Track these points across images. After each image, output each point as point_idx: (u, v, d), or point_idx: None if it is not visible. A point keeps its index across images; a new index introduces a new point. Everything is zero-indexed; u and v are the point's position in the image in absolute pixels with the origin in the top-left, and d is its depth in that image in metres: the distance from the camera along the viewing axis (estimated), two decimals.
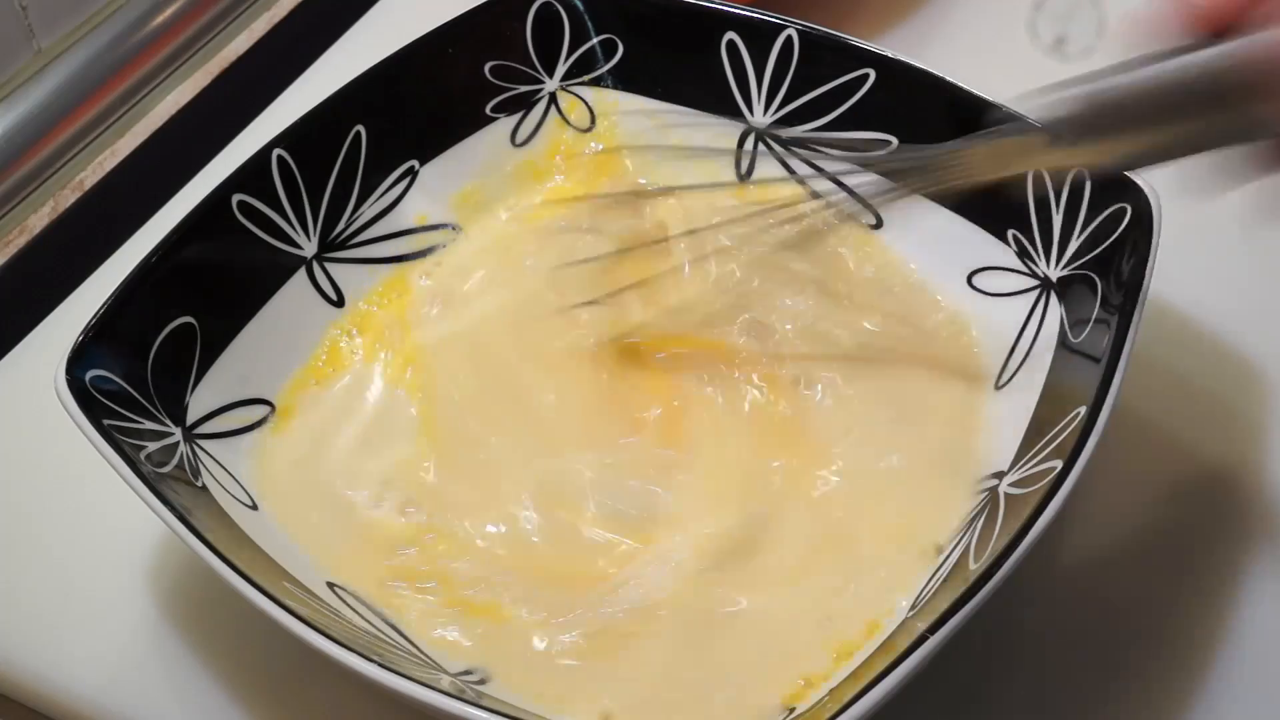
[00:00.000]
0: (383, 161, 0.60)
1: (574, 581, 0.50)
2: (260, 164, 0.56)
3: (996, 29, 0.73)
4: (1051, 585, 0.52)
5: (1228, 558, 0.52)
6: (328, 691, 0.50)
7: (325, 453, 0.54)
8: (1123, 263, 0.51)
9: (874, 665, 0.43)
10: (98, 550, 0.55)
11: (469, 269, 0.60)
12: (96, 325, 0.50)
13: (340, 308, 0.58)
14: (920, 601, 0.47)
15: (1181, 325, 0.59)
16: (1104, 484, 0.54)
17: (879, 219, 0.60)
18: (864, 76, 0.59)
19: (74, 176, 0.70)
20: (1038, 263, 0.55)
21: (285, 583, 0.48)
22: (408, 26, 0.61)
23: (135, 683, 0.52)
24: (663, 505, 0.52)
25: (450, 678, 0.47)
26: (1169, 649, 0.50)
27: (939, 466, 0.53)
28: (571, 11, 0.62)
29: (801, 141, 0.61)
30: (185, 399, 0.53)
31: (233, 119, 0.70)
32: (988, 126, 0.56)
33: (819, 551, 0.51)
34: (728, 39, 0.60)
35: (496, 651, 0.48)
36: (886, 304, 0.58)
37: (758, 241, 0.58)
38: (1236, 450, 0.56)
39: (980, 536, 0.47)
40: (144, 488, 0.46)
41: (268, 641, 0.51)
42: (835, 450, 0.54)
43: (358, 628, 0.47)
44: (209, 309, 0.54)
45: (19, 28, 0.66)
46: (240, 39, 0.77)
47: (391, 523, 0.52)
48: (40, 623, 0.53)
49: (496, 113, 0.63)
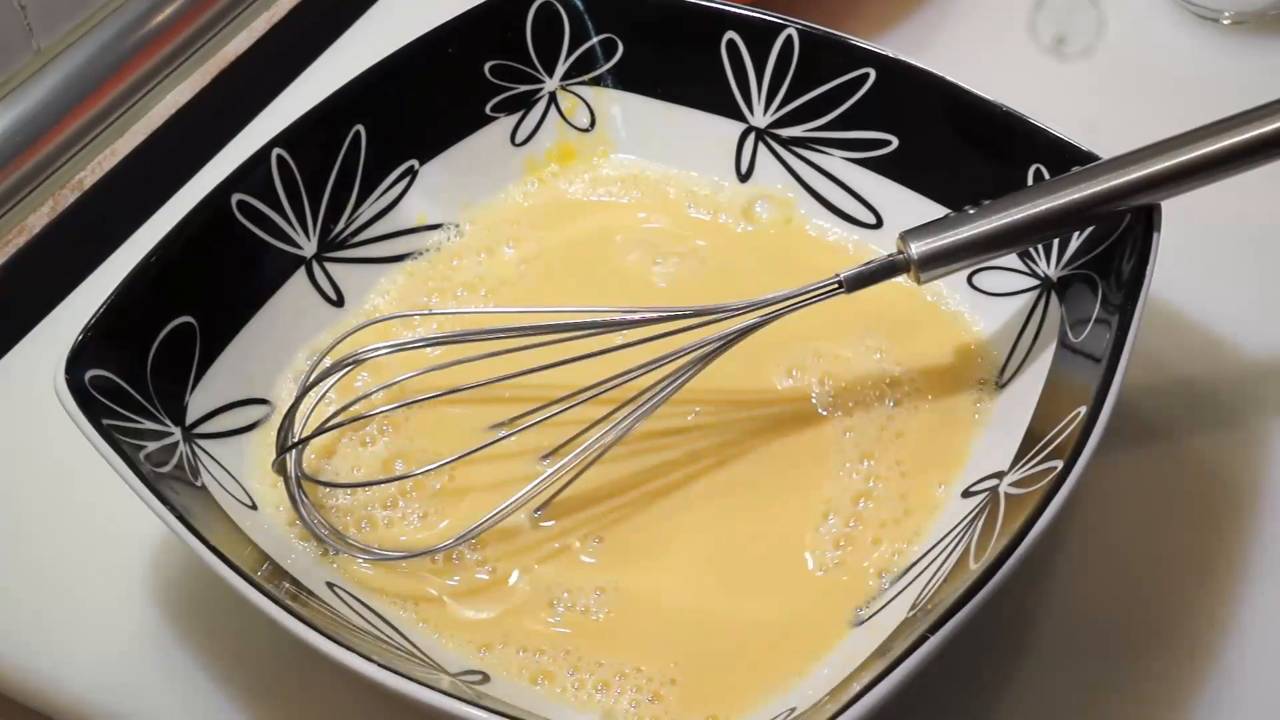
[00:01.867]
0: (383, 161, 0.60)
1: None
2: (260, 163, 0.56)
3: (996, 29, 0.73)
4: (1051, 585, 0.52)
5: (1228, 558, 0.52)
6: (328, 691, 0.50)
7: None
8: (1123, 262, 0.51)
9: (874, 665, 0.43)
10: (98, 550, 0.55)
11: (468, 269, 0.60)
12: (96, 325, 0.50)
13: (340, 307, 0.58)
14: (921, 600, 0.47)
15: (1181, 325, 0.59)
16: (1104, 484, 0.54)
17: (879, 219, 0.60)
18: (864, 76, 0.59)
19: (73, 176, 0.70)
20: (1038, 262, 0.55)
21: (285, 583, 0.48)
22: (408, 26, 0.61)
23: (135, 683, 0.51)
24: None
25: (450, 678, 0.47)
26: (1169, 649, 0.50)
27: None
28: (571, 11, 0.62)
29: (802, 141, 0.61)
30: (185, 399, 0.53)
31: (232, 119, 0.70)
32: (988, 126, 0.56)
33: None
34: (728, 38, 0.60)
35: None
36: (886, 304, 0.58)
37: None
38: (1236, 450, 0.56)
39: (980, 536, 0.47)
40: (144, 488, 0.46)
41: (267, 642, 0.51)
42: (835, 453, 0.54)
43: (358, 628, 0.47)
44: (208, 308, 0.54)
45: (18, 27, 0.66)
46: (240, 39, 0.77)
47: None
48: (40, 623, 0.53)
49: (496, 112, 0.63)
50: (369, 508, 0.53)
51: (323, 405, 0.55)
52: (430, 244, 0.61)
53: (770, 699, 0.48)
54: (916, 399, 0.55)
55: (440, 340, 0.55)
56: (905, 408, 0.55)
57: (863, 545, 0.51)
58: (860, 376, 0.56)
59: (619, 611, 0.50)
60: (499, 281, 0.60)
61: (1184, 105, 0.57)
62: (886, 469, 0.53)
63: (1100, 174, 0.51)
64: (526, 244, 0.61)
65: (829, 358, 0.57)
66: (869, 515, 0.52)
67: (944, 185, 0.58)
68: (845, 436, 0.54)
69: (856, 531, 0.52)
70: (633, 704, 0.48)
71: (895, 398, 0.55)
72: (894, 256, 0.52)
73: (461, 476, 0.54)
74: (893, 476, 0.53)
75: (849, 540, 0.51)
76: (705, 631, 0.50)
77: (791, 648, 0.49)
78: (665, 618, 0.50)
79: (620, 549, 0.52)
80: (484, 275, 0.60)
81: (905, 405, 0.55)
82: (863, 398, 0.56)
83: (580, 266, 0.61)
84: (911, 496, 0.52)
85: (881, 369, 0.56)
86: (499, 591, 0.51)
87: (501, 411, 0.55)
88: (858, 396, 0.56)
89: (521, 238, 0.62)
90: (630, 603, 0.50)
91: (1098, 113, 0.65)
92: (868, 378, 0.56)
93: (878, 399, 0.55)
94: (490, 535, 0.52)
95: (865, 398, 0.55)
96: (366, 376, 0.57)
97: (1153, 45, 0.71)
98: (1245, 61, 0.70)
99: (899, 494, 0.52)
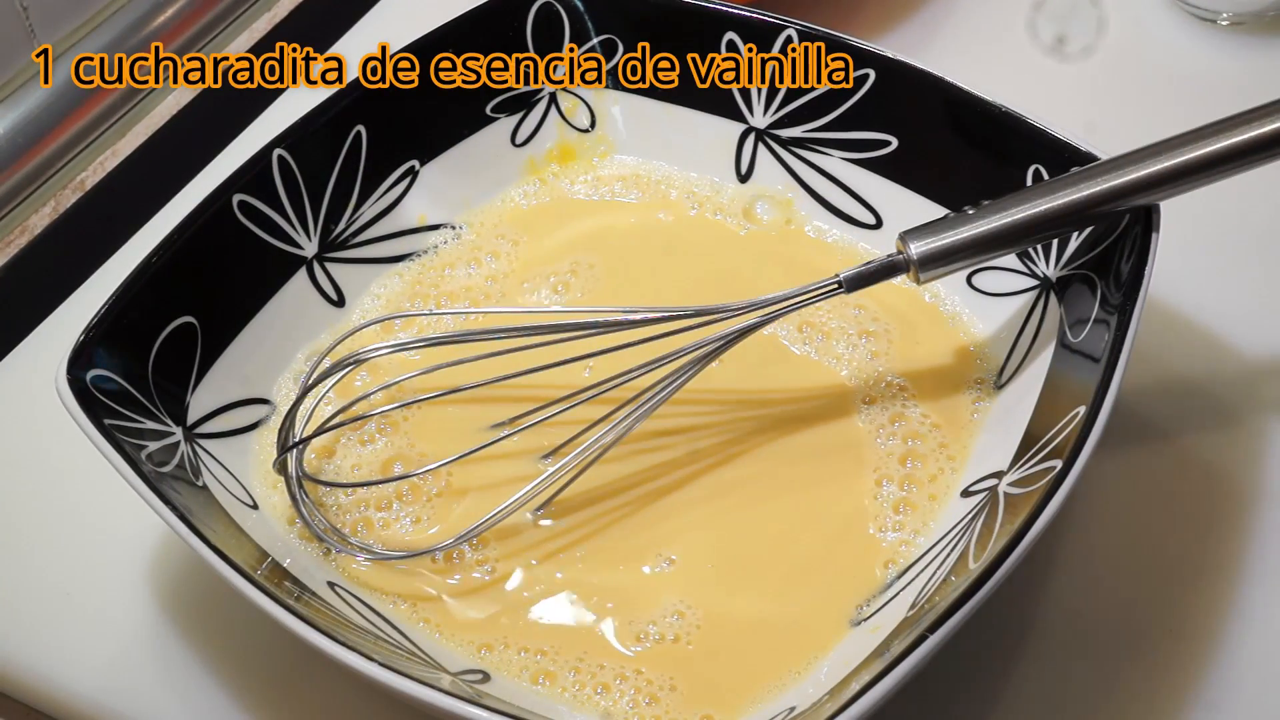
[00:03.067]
0: (383, 161, 0.60)
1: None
2: (261, 164, 0.56)
3: (996, 29, 0.73)
4: (1051, 585, 0.52)
5: (1227, 558, 0.53)
6: (328, 691, 0.51)
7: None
8: (1122, 262, 0.51)
9: (873, 665, 0.43)
10: (98, 550, 0.55)
11: (468, 269, 0.60)
12: (97, 325, 0.50)
13: (340, 307, 0.59)
14: (921, 600, 0.47)
15: (1181, 325, 0.59)
16: (1104, 484, 0.54)
17: (879, 219, 0.60)
18: (864, 77, 0.59)
19: (75, 176, 0.70)
20: (1037, 262, 0.55)
21: (285, 582, 0.48)
22: (407, 26, 0.61)
23: (135, 683, 0.52)
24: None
25: (451, 677, 0.47)
26: (1168, 649, 0.51)
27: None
28: (571, 11, 0.62)
29: (801, 141, 0.61)
30: (186, 398, 0.53)
31: (233, 119, 0.70)
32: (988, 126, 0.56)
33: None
34: (728, 39, 0.60)
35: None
36: (886, 304, 0.58)
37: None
38: (1236, 450, 0.56)
39: (980, 536, 0.47)
40: (145, 487, 0.46)
41: (268, 641, 0.51)
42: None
43: (358, 627, 0.47)
44: (210, 309, 0.54)
45: (19, 28, 0.66)
46: (240, 39, 0.77)
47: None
48: (40, 623, 0.53)
49: (496, 113, 0.63)
50: (369, 507, 0.53)
51: (323, 405, 0.55)
52: (431, 244, 0.61)
53: (770, 698, 0.48)
54: (916, 399, 0.55)
55: (440, 340, 0.55)
56: (905, 408, 0.55)
57: (863, 544, 0.51)
58: (860, 377, 0.56)
59: (619, 611, 0.50)
60: (499, 281, 0.60)
61: (1183, 105, 0.57)
62: (887, 468, 0.53)
63: (1099, 174, 0.51)
64: (527, 244, 0.61)
65: (828, 358, 0.57)
66: (868, 514, 0.52)
67: (944, 185, 0.58)
68: (845, 436, 0.54)
69: (856, 530, 0.52)
70: (632, 704, 0.48)
71: (895, 398, 0.55)
72: (894, 257, 0.52)
73: (462, 476, 0.54)
74: (892, 476, 0.53)
75: (850, 539, 0.51)
76: (705, 631, 0.50)
77: (791, 647, 0.49)
78: (666, 616, 0.50)
79: (620, 549, 0.52)
80: (484, 275, 0.60)
81: (905, 405, 0.55)
82: (862, 398, 0.56)
83: (580, 267, 0.61)
84: (914, 494, 0.52)
85: (880, 369, 0.56)
86: (499, 591, 0.51)
87: (501, 411, 0.55)
88: (857, 396, 0.56)
89: (522, 238, 0.62)
90: (631, 602, 0.50)
91: (1097, 113, 0.65)
92: (867, 378, 0.56)
93: (877, 399, 0.55)
94: (491, 534, 0.52)
95: (865, 398, 0.56)
96: (366, 376, 0.57)
97: (1152, 45, 0.71)
98: (1244, 61, 0.70)
99: (900, 492, 0.53)
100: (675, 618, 0.50)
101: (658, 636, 0.49)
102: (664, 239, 0.61)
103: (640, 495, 0.53)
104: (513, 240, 0.62)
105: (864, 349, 0.57)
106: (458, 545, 0.51)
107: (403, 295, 0.59)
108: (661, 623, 0.50)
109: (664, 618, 0.50)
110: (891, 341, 0.57)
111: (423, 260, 0.61)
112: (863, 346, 0.57)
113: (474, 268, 0.61)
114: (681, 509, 0.53)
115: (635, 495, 0.53)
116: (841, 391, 0.56)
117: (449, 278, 0.60)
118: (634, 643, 0.49)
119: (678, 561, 0.51)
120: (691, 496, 0.53)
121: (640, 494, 0.53)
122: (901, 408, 0.55)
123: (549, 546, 0.52)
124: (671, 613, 0.50)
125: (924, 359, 0.56)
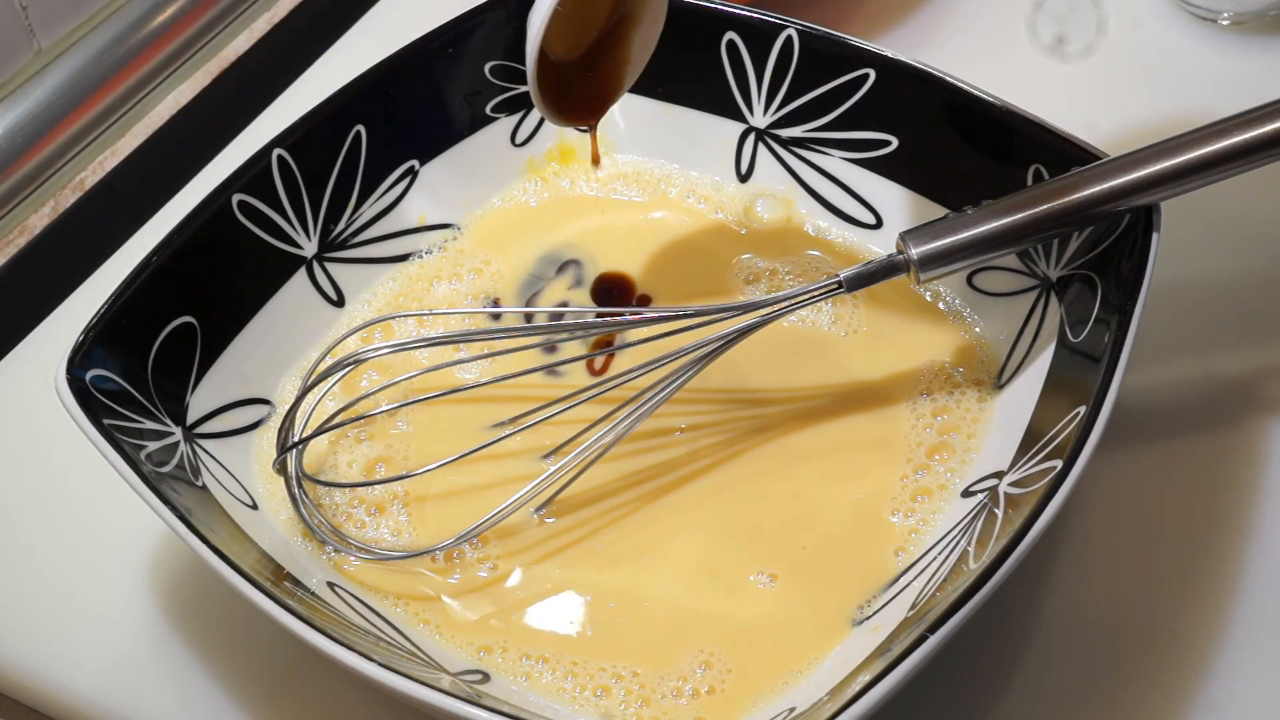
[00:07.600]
0: (383, 161, 0.60)
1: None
2: (260, 164, 0.56)
3: (996, 29, 0.73)
4: (1051, 585, 0.52)
5: (1227, 558, 0.52)
6: (327, 691, 0.51)
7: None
8: (1122, 262, 0.51)
9: (873, 665, 0.43)
10: (98, 550, 0.55)
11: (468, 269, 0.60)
12: (97, 325, 0.50)
13: (340, 307, 0.59)
14: (921, 600, 0.47)
15: (1181, 325, 0.59)
16: (1104, 484, 0.54)
17: (879, 219, 0.60)
18: (864, 76, 0.59)
19: (74, 176, 0.70)
20: (1037, 262, 0.55)
21: (285, 582, 0.48)
22: (407, 27, 0.61)
23: (135, 683, 0.52)
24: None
25: (450, 677, 0.47)
26: (1168, 649, 0.50)
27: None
28: None
29: (802, 141, 0.61)
30: (186, 399, 0.53)
31: (233, 119, 0.70)
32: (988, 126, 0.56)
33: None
34: (728, 39, 0.60)
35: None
36: (886, 304, 0.58)
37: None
38: (1236, 450, 0.56)
39: (980, 536, 0.47)
40: (144, 487, 0.46)
41: (268, 641, 0.51)
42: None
43: (358, 628, 0.47)
44: (209, 309, 0.54)
45: (19, 28, 0.66)
46: (240, 39, 0.77)
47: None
48: (40, 623, 0.53)
49: (496, 113, 0.63)
50: (369, 507, 0.53)
51: (323, 405, 0.55)
52: (431, 244, 0.61)
53: (770, 698, 0.48)
54: (915, 399, 0.55)
55: (441, 340, 0.55)
56: (905, 408, 0.55)
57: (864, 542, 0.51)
58: (860, 377, 0.56)
59: (620, 611, 0.50)
60: (499, 281, 0.60)
61: (1183, 105, 0.57)
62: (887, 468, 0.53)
63: (1100, 174, 0.51)
64: (527, 244, 0.61)
65: (828, 358, 0.57)
66: (869, 514, 0.52)
67: (944, 185, 0.58)
68: (844, 437, 0.54)
69: (856, 529, 0.52)
70: (632, 705, 0.48)
71: (895, 398, 0.55)
72: (894, 257, 0.52)
73: (462, 475, 0.54)
74: (892, 476, 0.53)
75: (849, 539, 0.52)
76: (706, 631, 0.50)
77: (791, 647, 0.49)
78: (665, 616, 0.50)
79: (620, 548, 0.52)
80: (484, 275, 0.60)
81: (905, 405, 0.55)
82: (862, 398, 0.56)
83: (580, 267, 0.61)
84: (914, 493, 0.52)
85: (881, 369, 0.56)
86: (499, 590, 0.51)
87: (502, 411, 0.55)
88: (856, 396, 0.56)
89: (522, 238, 0.62)
90: (631, 602, 0.50)
91: (1098, 113, 0.65)
92: (867, 379, 0.56)
93: (877, 400, 0.55)
94: (491, 534, 0.52)
95: (864, 398, 0.56)
96: (367, 376, 0.57)
97: (1152, 45, 0.71)
98: (1244, 61, 0.70)
99: (900, 493, 0.53)
100: (675, 618, 0.50)
101: (659, 635, 0.49)
102: (664, 239, 0.61)
103: (641, 494, 0.53)
104: (513, 240, 0.61)
105: (864, 349, 0.57)
106: (458, 545, 0.51)
107: (402, 295, 0.59)
108: (662, 623, 0.50)
109: (664, 618, 0.50)
110: (891, 341, 0.57)
111: (423, 260, 0.61)
112: (863, 346, 0.57)
113: (474, 267, 0.60)
114: (682, 508, 0.53)
115: (636, 494, 0.53)
116: (839, 392, 0.56)
117: (449, 278, 0.60)
118: (634, 643, 0.49)
119: (678, 561, 0.51)
120: (692, 495, 0.53)
121: (641, 493, 0.53)
122: (901, 408, 0.55)
123: (550, 545, 0.52)
124: (672, 613, 0.50)
125: (924, 359, 0.56)
